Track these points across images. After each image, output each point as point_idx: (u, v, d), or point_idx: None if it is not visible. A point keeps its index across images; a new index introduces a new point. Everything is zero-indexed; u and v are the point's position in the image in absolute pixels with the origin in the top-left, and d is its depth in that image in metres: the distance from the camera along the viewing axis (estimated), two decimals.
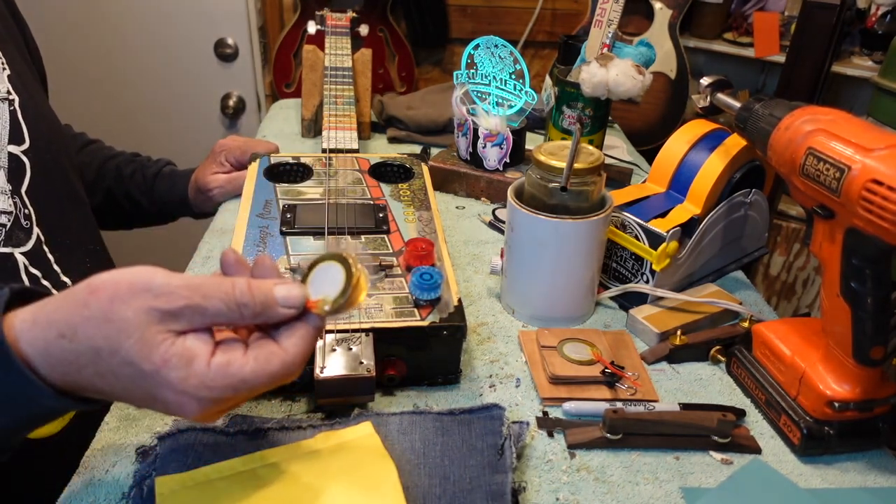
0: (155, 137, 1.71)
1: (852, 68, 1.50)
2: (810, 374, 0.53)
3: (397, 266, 0.60)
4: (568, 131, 0.91)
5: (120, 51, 1.60)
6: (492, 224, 0.85)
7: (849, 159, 0.46)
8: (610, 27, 0.85)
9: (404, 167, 0.79)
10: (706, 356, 0.64)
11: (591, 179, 0.63)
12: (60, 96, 1.62)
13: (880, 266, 0.48)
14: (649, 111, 1.66)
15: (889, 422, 0.53)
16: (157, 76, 1.64)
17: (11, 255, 0.56)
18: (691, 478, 0.51)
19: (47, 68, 0.79)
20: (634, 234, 0.67)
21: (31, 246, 0.58)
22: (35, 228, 0.59)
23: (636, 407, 0.55)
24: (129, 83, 1.64)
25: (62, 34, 1.57)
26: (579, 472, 0.51)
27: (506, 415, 0.51)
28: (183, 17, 1.58)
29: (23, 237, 0.58)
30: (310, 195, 0.70)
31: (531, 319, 0.67)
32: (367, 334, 0.52)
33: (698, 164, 0.68)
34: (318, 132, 1.09)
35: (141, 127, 1.70)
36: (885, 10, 1.49)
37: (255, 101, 1.70)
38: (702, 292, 0.69)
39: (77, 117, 1.66)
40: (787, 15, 1.61)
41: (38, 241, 0.59)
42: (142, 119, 1.69)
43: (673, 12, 1.58)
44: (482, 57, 0.84)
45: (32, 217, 0.59)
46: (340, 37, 1.13)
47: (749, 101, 0.58)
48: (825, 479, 0.52)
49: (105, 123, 1.68)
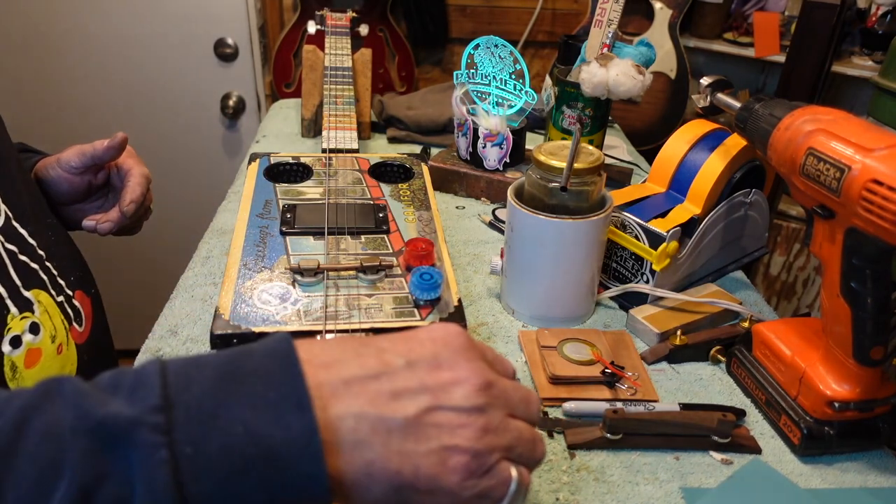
0: (155, 137, 1.71)
1: (852, 68, 1.50)
2: (810, 374, 0.53)
3: (397, 266, 0.60)
4: (568, 131, 0.91)
5: (120, 50, 1.60)
6: (492, 224, 0.85)
7: (849, 159, 0.46)
8: (610, 27, 0.85)
9: (404, 167, 0.79)
10: (706, 356, 0.64)
11: (591, 179, 0.63)
12: (60, 96, 1.63)
13: (880, 266, 0.48)
14: (649, 111, 1.66)
15: (889, 422, 0.53)
16: (156, 76, 1.64)
17: None
18: (691, 478, 0.51)
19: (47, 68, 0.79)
20: (634, 234, 0.67)
21: (1, 222, 0.58)
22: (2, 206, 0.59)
23: (636, 407, 0.55)
24: (129, 83, 1.64)
25: (62, 34, 1.57)
26: (579, 472, 0.51)
27: None
28: (183, 17, 1.58)
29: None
30: (310, 195, 0.70)
31: (531, 319, 0.67)
32: (367, 334, 0.52)
33: (698, 164, 0.68)
34: (318, 132, 1.09)
35: (141, 126, 1.70)
36: (885, 9, 1.49)
37: (255, 101, 1.70)
38: (702, 292, 0.69)
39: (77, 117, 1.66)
40: (787, 15, 1.61)
41: (8, 217, 0.59)
42: (142, 119, 1.69)
43: (673, 12, 1.58)
44: (482, 57, 0.84)
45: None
46: (340, 37, 1.14)
47: (749, 101, 0.58)
48: (825, 479, 0.52)
49: (105, 123, 1.68)
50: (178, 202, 1.70)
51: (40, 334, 0.58)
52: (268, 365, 0.32)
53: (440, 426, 0.33)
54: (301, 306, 0.54)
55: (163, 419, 0.29)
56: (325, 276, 0.58)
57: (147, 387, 0.30)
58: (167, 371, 0.31)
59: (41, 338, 0.58)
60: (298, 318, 0.53)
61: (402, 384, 0.34)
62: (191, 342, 0.62)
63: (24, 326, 0.56)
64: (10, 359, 0.55)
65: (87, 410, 0.29)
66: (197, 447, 0.29)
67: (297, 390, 0.31)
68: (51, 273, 0.62)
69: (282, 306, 0.54)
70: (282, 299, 0.55)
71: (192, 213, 1.45)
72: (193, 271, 0.73)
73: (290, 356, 0.32)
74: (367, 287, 0.57)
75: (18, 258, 0.59)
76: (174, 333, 0.63)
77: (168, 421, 0.29)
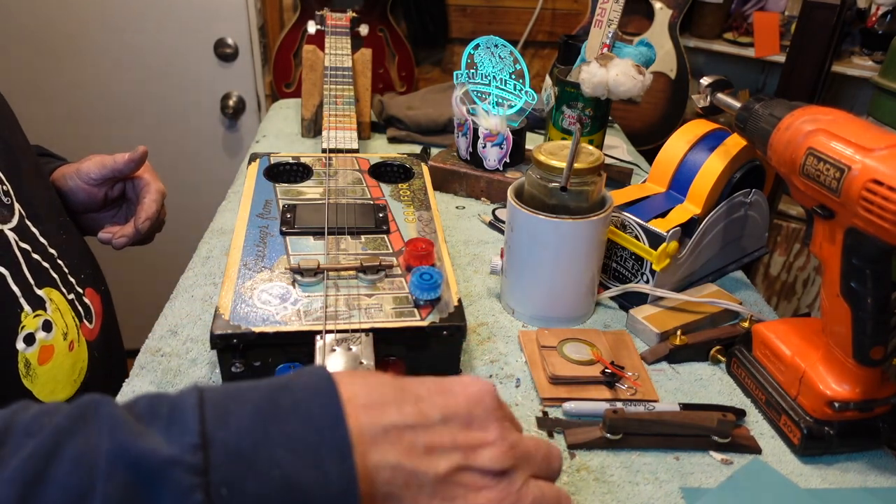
0: (155, 137, 1.71)
1: (852, 68, 1.50)
2: (810, 374, 0.53)
3: (397, 266, 0.60)
4: (568, 131, 0.91)
5: (120, 50, 1.60)
6: (492, 224, 0.85)
7: (849, 159, 0.46)
8: (610, 27, 0.85)
9: (404, 167, 0.79)
10: (706, 356, 0.64)
11: (591, 179, 0.63)
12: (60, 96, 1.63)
13: (880, 266, 0.48)
14: (649, 111, 1.66)
15: (889, 422, 0.53)
16: (157, 76, 1.64)
17: (2, 231, 0.57)
18: (691, 478, 0.51)
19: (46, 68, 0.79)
20: (634, 234, 0.67)
21: (16, 222, 0.58)
22: (16, 205, 0.59)
23: (636, 407, 0.55)
24: (129, 83, 1.65)
25: (61, 33, 1.57)
26: (579, 472, 0.51)
27: None
28: (183, 17, 1.58)
29: (7, 214, 0.58)
30: (310, 195, 0.70)
31: (531, 319, 0.67)
32: (367, 334, 0.52)
33: (698, 164, 0.68)
34: (318, 132, 1.09)
35: (141, 127, 1.70)
36: (885, 9, 1.49)
37: (255, 101, 1.70)
38: (702, 292, 0.69)
39: (77, 117, 1.66)
40: (787, 15, 1.61)
41: (21, 217, 0.59)
42: (142, 119, 1.69)
43: (673, 12, 1.58)
44: (482, 57, 0.84)
45: (11, 193, 0.59)
46: (340, 37, 1.14)
47: (749, 101, 0.58)
48: (825, 479, 0.52)
49: (105, 123, 1.68)
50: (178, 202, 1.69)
51: (53, 331, 0.59)
52: (308, 403, 0.31)
53: (466, 486, 0.33)
54: (301, 306, 0.54)
55: (200, 459, 0.28)
56: (325, 276, 0.58)
57: (185, 421, 0.29)
58: (205, 403, 0.30)
59: (53, 335, 0.59)
60: (298, 318, 0.53)
61: (438, 439, 0.33)
62: (191, 342, 0.62)
63: (37, 324, 0.57)
64: (25, 356, 0.56)
65: (122, 442, 0.28)
66: (232, 489, 0.28)
67: (338, 436, 0.30)
68: (62, 271, 0.63)
69: (282, 306, 0.54)
70: (282, 299, 0.55)
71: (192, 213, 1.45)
72: (193, 271, 0.73)
73: (332, 395, 0.32)
74: (367, 287, 0.57)
75: (32, 257, 0.59)
76: (174, 333, 0.63)
77: (205, 460, 0.28)
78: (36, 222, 0.61)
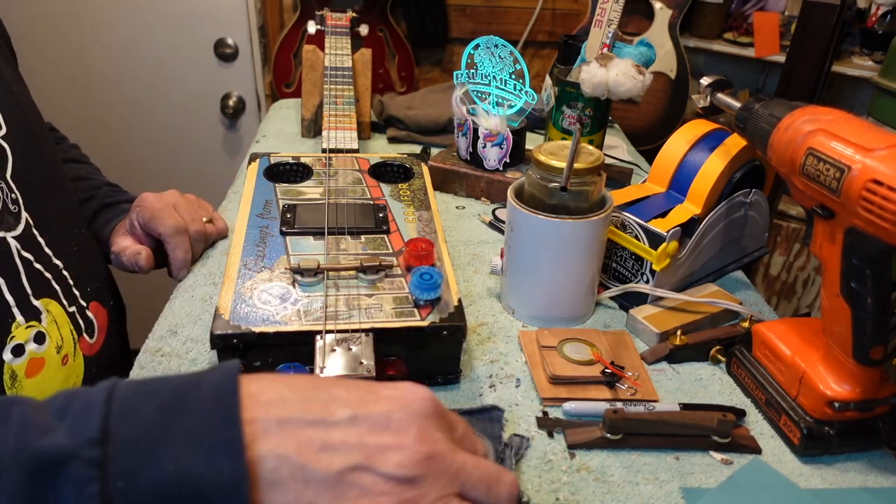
0: (155, 137, 1.71)
1: (852, 68, 1.50)
2: (810, 374, 0.53)
3: (397, 266, 0.60)
4: (568, 131, 0.91)
5: (120, 50, 1.60)
6: (492, 224, 0.85)
7: (849, 159, 0.46)
8: (610, 27, 0.85)
9: (404, 167, 0.79)
10: (706, 356, 0.64)
11: (591, 179, 0.63)
12: (60, 96, 1.63)
13: (880, 266, 0.48)
14: (649, 111, 1.66)
15: (889, 422, 0.53)
16: (156, 76, 1.64)
17: (4, 239, 0.56)
18: (691, 478, 0.51)
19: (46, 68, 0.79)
20: (634, 234, 0.67)
21: (21, 230, 0.58)
22: (23, 213, 0.59)
23: (636, 407, 0.55)
24: (129, 83, 1.65)
25: (61, 33, 1.57)
26: (579, 472, 0.51)
27: (505, 417, 0.51)
28: (183, 17, 1.58)
29: (12, 221, 0.57)
30: (310, 195, 0.70)
31: (531, 319, 0.67)
32: (367, 334, 0.52)
33: (698, 164, 0.68)
34: (318, 132, 1.09)
35: (141, 127, 1.70)
36: (885, 9, 1.49)
37: (255, 101, 1.70)
38: (702, 292, 0.69)
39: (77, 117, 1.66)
40: (787, 15, 1.61)
41: (28, 225, 0.59)
42: (141, 119, 1.69)
43: (673, 12, 1.58)
44: (482, 57, 0.84)
45: (20, 201, 0.59)
46: (340, 37, 1.14)
47: (749, 101, 0.58)
48: (825, 479, 0.52)
49: (105, 123, 1.68)
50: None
51: (45, 344, 0.57)
52: (209, 401, 0.32)
53: (362, 488, 0.32)
54: (301, 306, 0.54)
55: (97, 453, 0.29)
56: (325, 276, 0.58)
57: (90, 416, 0.31)
58: (113, 399, 0.31)
59: (46, 348, 0.57)
60: (298, 318, 0.53)
61: (339, 437, 0.33)
62: (191, 342, 0.62)
63: (28, 335, 0.56)
64: (11, 367, 0.54)
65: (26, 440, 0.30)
66: (128, 482, 0.29)
67: (231, 433, 0.31)
68: (66, 282, 0.62)
69: (282, 306, 0.54)
70: (282, 299, 0.55)
71: None
72: (193, 271, 0.73)
73: (233, 393, 0.32)
74: (367, 287, 0.57)
75: (33, 266, 0.58)
76: (174, 333, 0.63)
77: (103, 454, 0.29)
78: (44, 232, 0.60)
